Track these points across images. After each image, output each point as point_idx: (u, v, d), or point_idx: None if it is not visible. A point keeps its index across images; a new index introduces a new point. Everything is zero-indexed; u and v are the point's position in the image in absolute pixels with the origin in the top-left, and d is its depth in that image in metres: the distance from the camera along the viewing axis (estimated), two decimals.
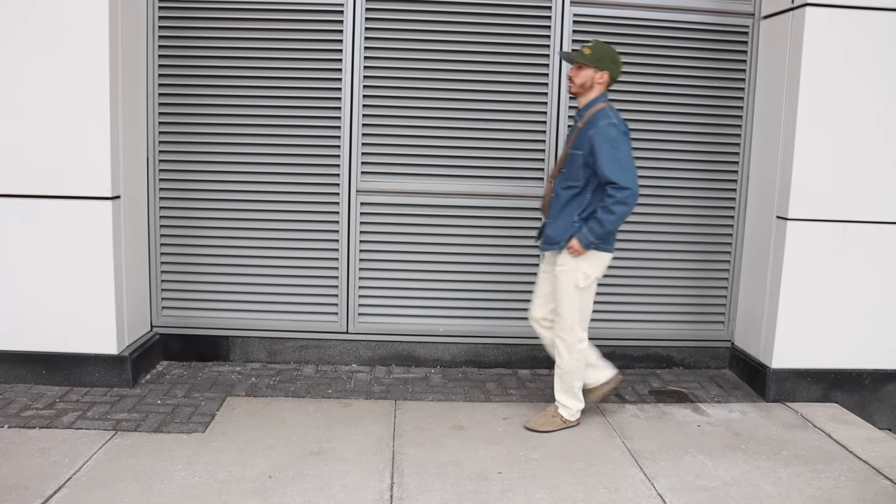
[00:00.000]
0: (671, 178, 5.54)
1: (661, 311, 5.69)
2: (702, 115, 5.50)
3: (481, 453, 4.14)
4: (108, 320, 4.84)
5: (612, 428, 4.55)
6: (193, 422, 4.43)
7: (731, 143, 5.55)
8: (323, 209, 5.43)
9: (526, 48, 5.34)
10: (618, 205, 4.11)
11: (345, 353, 5.58)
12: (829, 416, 4.86)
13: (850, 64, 4.88)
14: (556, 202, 4.36)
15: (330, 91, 5.31)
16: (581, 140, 4.20)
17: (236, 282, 5.47)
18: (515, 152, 5.43)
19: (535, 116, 5.37)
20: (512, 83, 5.34)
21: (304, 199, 5.41)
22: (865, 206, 5.02)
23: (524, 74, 5.36)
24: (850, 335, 5.15)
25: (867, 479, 4.01)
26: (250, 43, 5.25)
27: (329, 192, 5.41)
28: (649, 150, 5.49)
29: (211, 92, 5.28)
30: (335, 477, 3.81)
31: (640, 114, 5.44)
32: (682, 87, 5.46)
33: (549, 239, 4.36)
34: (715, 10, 5.39)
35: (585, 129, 4.19)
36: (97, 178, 4.70)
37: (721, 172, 5.58)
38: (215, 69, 5.26)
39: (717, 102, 5.50)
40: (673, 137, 5.50)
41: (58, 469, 3.76)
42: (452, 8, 5.28)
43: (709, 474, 3.99)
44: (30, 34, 4.58)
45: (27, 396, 4.70)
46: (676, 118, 5.49)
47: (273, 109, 5.32)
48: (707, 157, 5.55)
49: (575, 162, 4.23)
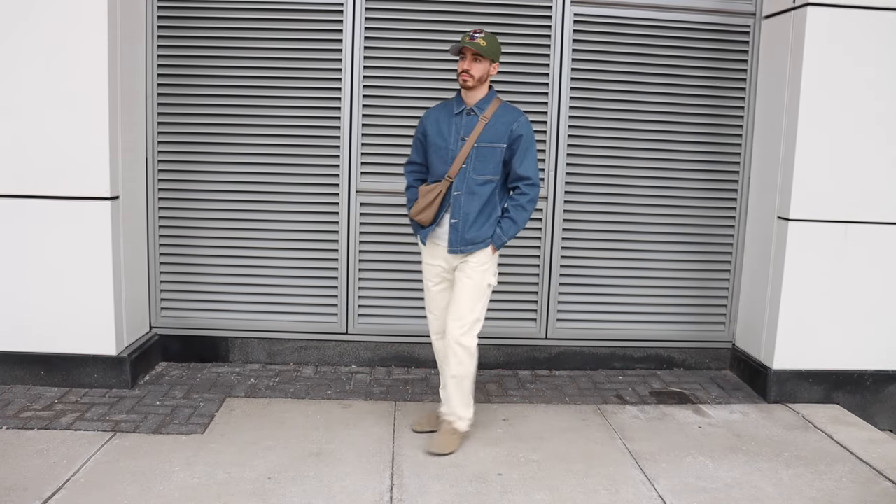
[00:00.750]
0: (671, 178, 5.53)
1: (661, 311, 5.67)
2: (703, 115, 5.48)
3: (481, 454, 4.13)
4: (106, 321, 4.83)
5: (613, 429, 4.54)
6: (192, 423, 4.42)
7: (732, 143, 5.53)
8: (322, 209, 5.41)
9: (526, 48, 5.32)
10: (531, 203, 4.07)
11: (344, 353, 5.56)
12: (831, 418, 4.85)
13: (851, 64, 4.87)
14: (470, 200, 4.01)
15: (330, 91, 5.30)
16: (496, 133, 3.99)
17: (235, 282, 5.46)
18: None
19: (536, 117, 5.34)
20: (513, 83, 5.31)
21: (304, 200, 5.40)
22: (867, 206, 5.01)
23: (525, 75, 5.34)
24: (851, 336, 5.13)
25: (869, 480, 3.99)
26: (249, 43, 5.24)
27: (329, 192, 5.39)
28: (649, 150, 5.48)
29: (210, 92, 5.27)
30: (335, 478, 3.80)
31: (640, 114, 5.43)
32: (683, 87, 5.45)
33: (471, 240, 4.05)
34: (716, 10, 5.37)
35: (497, 122, 3.99)
36: (96, 179, 4.69)
37: (722, 173, 5.57)
38: (214, 69, 5.25)
39: (718, 102, 5.49)
40: (673, 137, 5.49)
41: (56, 470, 3.75)
42: (452, 8, 5.27)
43: (710, 476, 3.98)
44: (29, 34, 4.57)
45: (26, 397, 4.69)
46: (677, 118, 5.47)
47: (272, 109, 5.30)
48: (708, 157, 5.54)
49: (493, 156, 4.00)
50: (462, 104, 4.05)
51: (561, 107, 5.37)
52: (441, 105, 4.19)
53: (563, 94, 5.36)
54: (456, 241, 4.04)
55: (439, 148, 4.05)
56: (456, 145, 4.01)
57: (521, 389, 5.21)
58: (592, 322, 5.64)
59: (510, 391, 5.17)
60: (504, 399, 5.02)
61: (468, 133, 4.00)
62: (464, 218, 4.02)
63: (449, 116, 4.08)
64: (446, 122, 4.07)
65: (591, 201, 5.51)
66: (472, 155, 3.99)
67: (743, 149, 5.53)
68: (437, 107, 4.20)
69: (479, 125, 3.99)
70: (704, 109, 5.48)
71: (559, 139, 5.40)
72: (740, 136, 5.52)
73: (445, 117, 4.09)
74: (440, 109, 4.16)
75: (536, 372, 5.59)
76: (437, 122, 4.10)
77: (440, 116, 4.11)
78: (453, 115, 4.06)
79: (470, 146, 3.98)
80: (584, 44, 5.35)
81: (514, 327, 5.59)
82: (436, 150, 4.07)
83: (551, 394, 5.13)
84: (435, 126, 4.09)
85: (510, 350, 5.61)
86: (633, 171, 5.50)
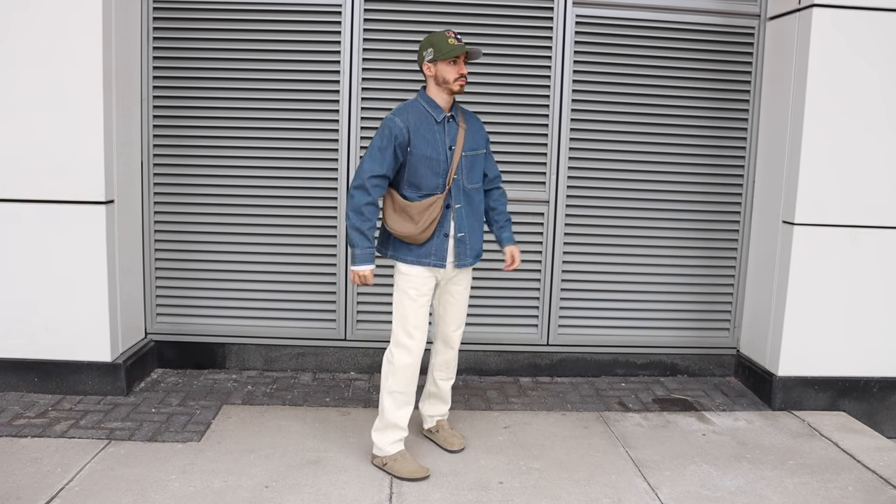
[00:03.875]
0: (674, 181, 5.49)
1: (665, 317, 5.63)
2: (706, 117, 5.45)
3: (482, 462, 4.10)
4: (101, 327, 4.80)
5: (616, 437, 4.51)
6: (188, 431, 4.39)
7: (737, 147, 5.49)
8: (320, 213, 5.37)
9: (527, 50, 5.29)
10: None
11: (343, 360, 5.52)
12: (837, 425, 4.82)
13: (858, 66, 4.83)
14: (470, 211, 3.95)
15: (328, 94, 5.26)
16: (475, 140, 3.94)
17: (232, 288, 5.42)
18: (517, 156, 5.37)
19: (537, 119, 5.32)
20: (514, 85, 5.29)
21: (302, 204, 5.36)
22: (874, 210, 4.97)
23: (526, 77, 5.31)
24: (858, 342, 5.09)
25: (875, 489, 3.96)
26: (246, 45, 5.20)
27: (327, 197, 5.35)
28: (652, 153, 5.44)
29: (206, 94, 5.23)
30: (333, 487, 3.77)
31: (643, 117, 5.40)
32: (686, 89, 5.41)
33: (478, 251, 4.02)
34: (720, 12, 5.34)
35: (471, 129, 3.94)
36: (91, 183, 4.66)
37: (726, 176, 5.53)
38: (210, 71, 5.22)
39: (721, 105, 5.45)
40: (676, 141, 5.45)
41: (50, 479, 3.72)
42: (452, 9, 5.23)
43: (714, 484, 3.95)
44: (24, 38, 4.55)
45: (19, 405, 4.66)
46: (680, 121, 5.43)
47: (270, 113, 5.27)
48: (711, 160, 5.50)
49: (479, 163, 3.97)
50: (442, 111, 3.85)
51: (562, 110, 5.33)
52: (412, 111, 3.83)
53: (565, 96, 5.32)
54: (465, 255, 3.95)
55: (431, 160, 3.79)
56: (447, 156, 3.84)
57: (523, 396, 5.17)
58: (595, 328, 5.59)
59: (511, 398, 5.13)
60: (505, 406, 4.98)
61: (454, 142, 3.86)
62: (469, 230, 3.95)
63: (430, 124, 3.82)
64: (430, 131, 3.81)
65: (592, 205, 5.47)
66: (462, 165, 3.88)
67: (747, 152, 5.49)
68: (407, 113, 3.82)
69: (460, 133, 3.88)
70: (708, 112, 5.44)
71: (560, 142, 5.35)
72: (744, 139, 5.48)
73: (427, 125, 3.81)
74: (415, 116, 3.81)
75: (538, 379, 5.55)
76: (420, 132, 3.79)
77: (420, 125, 3.80)
78: (436, 122, 3.83)
79: (458, 156, 3.86)
80: (586, 46, 5.31)
81: (515, 333, 5.54)
82: (427, 163, 3.79)
83: (553, 401, 5.09)
84: (419, 136, 3.78)
85: (511, 356, 5.57)
86: (635, 175, 5.46)
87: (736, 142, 5.49)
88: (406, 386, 3.95)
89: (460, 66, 3.80)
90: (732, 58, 5.41)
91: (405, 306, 3.92)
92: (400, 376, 3.93)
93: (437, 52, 3.75)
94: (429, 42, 3.81)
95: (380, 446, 3.97)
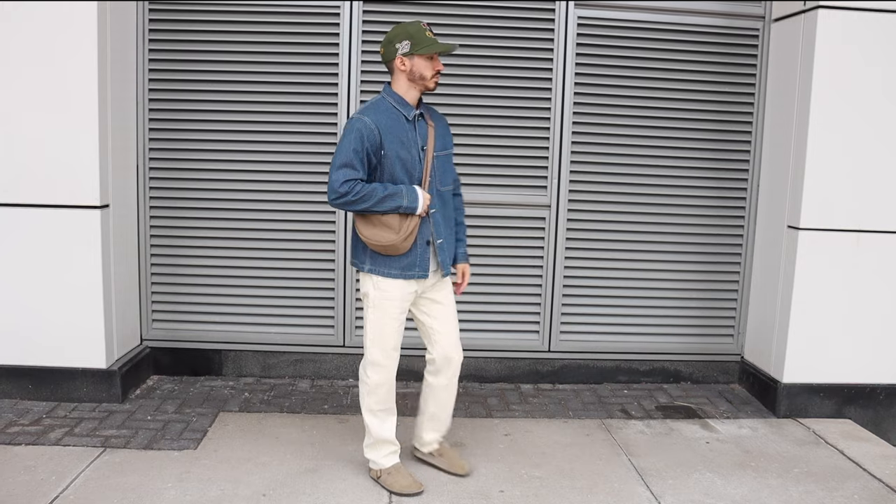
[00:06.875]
0: (678, 185, 5.46)
1: (668, 323, 5.59)
2: (710, 120, 5.41)
3: (482, 471, 4.07)
4: (96, 333, 4.76)
5: (618, 444, 4.47)
6: (185, 438, 4.36)
7: (741, 150, 5.46)
8: (319, 218, 5.33)
9: (529, 52, 5.25)
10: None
11: (341, 367, 5.48)
12: (842, 433, 4.78)
13: (864, 68, 4.80)
14: (445, 215, 3.75)
15: (326, 97, 5.23)
16: (444, 140, 3.75)
17: (229, 294, 5.38)
18: (518, 159, 5.34)
19: (539, 122, 5.28)
20: (515, 88, 5.26)
21: (300, 209, 5.32)
22: (881, 214, 4.93)
23: (527, 80, 5.27)
24: (863, 349, 5.05)
25: (881, 497, 3.93)
26: (243, 48, 5.17)
27: (325, 202, 5.28)
28: (655, 156, 5.41)
29: (202, 98, 5.20)
30: (331, 496, 3.74)
31: (646, 119, 5.36)
32: (690, 92, 5.38)
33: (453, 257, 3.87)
34: (724, 13, 5.31)
35: (438, 128, 3.73)
36: (86, 187, 4.63)
37: (730, 180, 5.49)
38: (206, 74, 5.19)
39: (726, 108, 5.41)
40: (680, 144, 5.42)
41: (44, 487, 3.69)
42: (452, 10, 5.20)
43: (717, 493, 3.92)
44: (19, 42, 4.53)
45: (13, 412, 4.63)
46: (684, 124, 5.40)
47: (267, 117, 5.23)
48: (715, 164, 5.46)
49: (448, 163, 3.79)
50: (412, 109, 3.61)
51: (564, 112, 5.29)
52: (378, 110, 3.58)
53: (567, 99, 5.28)
54: (445, 263, 3.75)
55: (405, 161, 3.56)
56: (420, 157, 3.61)
57: (524, 403, 5.14)
58: (597, 334, 5.55)
59: (512, 405, 5.10)
60: (506, 413, 4.95)
61: (426, 142, 3.63)
62: (447, 235, 3.75)
63: (401, 123, 3.58)
64: (402, 131, 3.57)
65: (594, 209, 5.43)
66: (435, 165, 3.66)
67: (752, 155, 5.46)
68: (375, 112, 3.56)
69: (430, 133, 3.66)
70: (712, 115, 5.41)
71: (562, 145, 5.31)
72: (749, 142, 5.45)
73: (397, 125, 3.56)
74: (384, 116, 3.56)
75: (539, 385, 5.51)
76: (393, 132, 3.53)
77: (391, 125, 3.54)
78: (407, 121, 3.60)
79: (430, 156, 3.63)
80: (588, 48, 5.27)
81: (516, 340, 5.50)
82: (402, 164, 3.56)
83: (554, 408, 5.06)
84: (392, 136, 3.53)
85: (512, 363, 5.52)
86: (638, 179, 5.43)
87: (740, 145, 5.45)
88: (385, 402, 3.83)
89: (437, 61, 3.59)
90: (737, 60, 5.37)
91: (384, 325, 3.69)
92: (377, 394, 3.80)
93: (416, 45, 3.51)
94: (404, 33, 3.53)
95: (374, 460, 3.89)
